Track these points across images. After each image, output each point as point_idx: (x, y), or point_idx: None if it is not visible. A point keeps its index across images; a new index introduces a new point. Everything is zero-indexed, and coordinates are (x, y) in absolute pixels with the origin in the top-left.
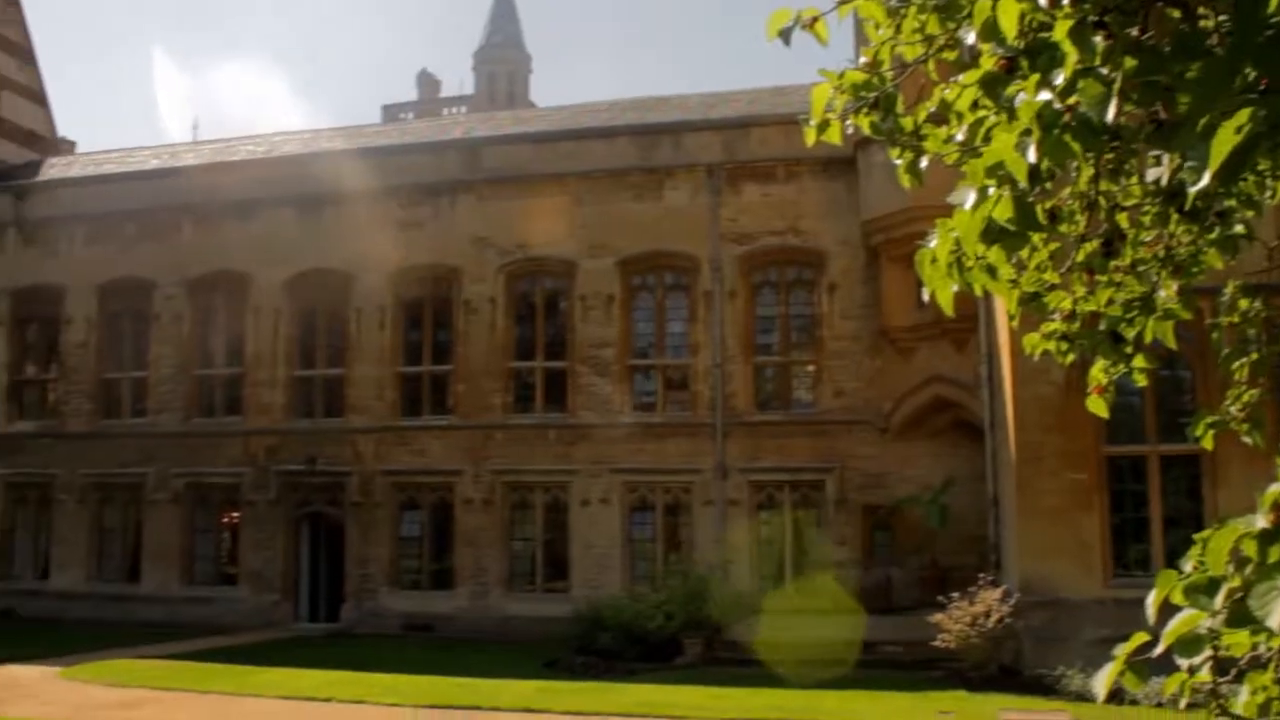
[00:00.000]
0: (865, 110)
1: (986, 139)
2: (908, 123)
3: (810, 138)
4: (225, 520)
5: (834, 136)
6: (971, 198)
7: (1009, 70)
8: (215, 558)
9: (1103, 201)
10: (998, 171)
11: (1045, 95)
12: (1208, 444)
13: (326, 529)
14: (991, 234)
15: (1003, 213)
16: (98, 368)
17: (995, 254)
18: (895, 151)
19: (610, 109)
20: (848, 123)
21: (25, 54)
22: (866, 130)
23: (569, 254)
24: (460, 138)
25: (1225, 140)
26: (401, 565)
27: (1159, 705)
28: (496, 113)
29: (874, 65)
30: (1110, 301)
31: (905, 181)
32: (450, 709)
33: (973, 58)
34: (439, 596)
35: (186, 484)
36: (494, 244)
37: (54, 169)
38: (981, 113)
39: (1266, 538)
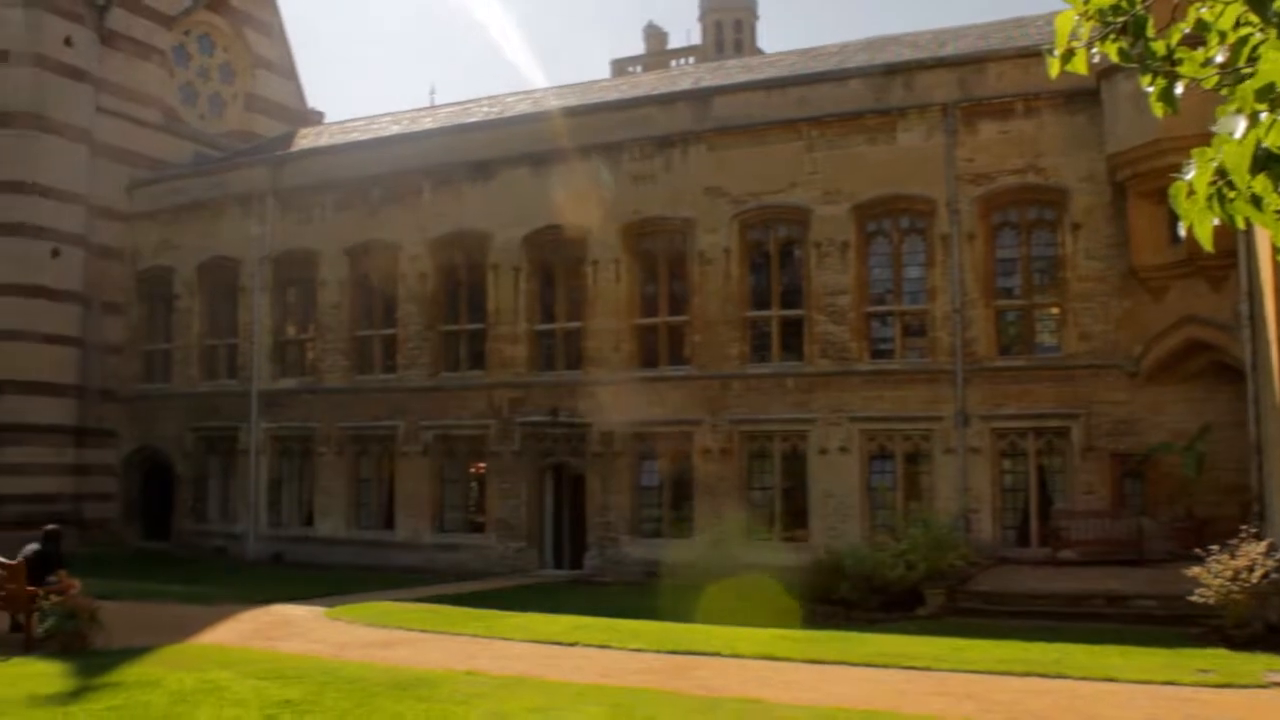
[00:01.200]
0: (1113, 36)
1: (1253, 59)
2: (1159, 47)
3: (1054, 69)
4: (472, 470)
5: (1079, 66)
6: (1242, 124)
7: None
8: (464, 506)
9: None
10: (1269, 95)
11: None
12: None
13: (569, 479)
14: (1259, 162)
15: (1277, 139)
16: (350, 327)
17: (1261, 183)
18: (1146, 79)
19: (840, 51)
20: (1093, 51)
21: (275, 32)
22: (1114, 58)
23: (802, 201)
24: (690, 88)
25: None
26: (641, 514)
27: None
28: (724, 61)
29: None
30: None
31: (1158, 110)
32: (692, 654)
33: None
34: (678, 545)
35: (435, 436)
36: (726, 193)
37: (305, 139)
38: (1245, 30)
39: None
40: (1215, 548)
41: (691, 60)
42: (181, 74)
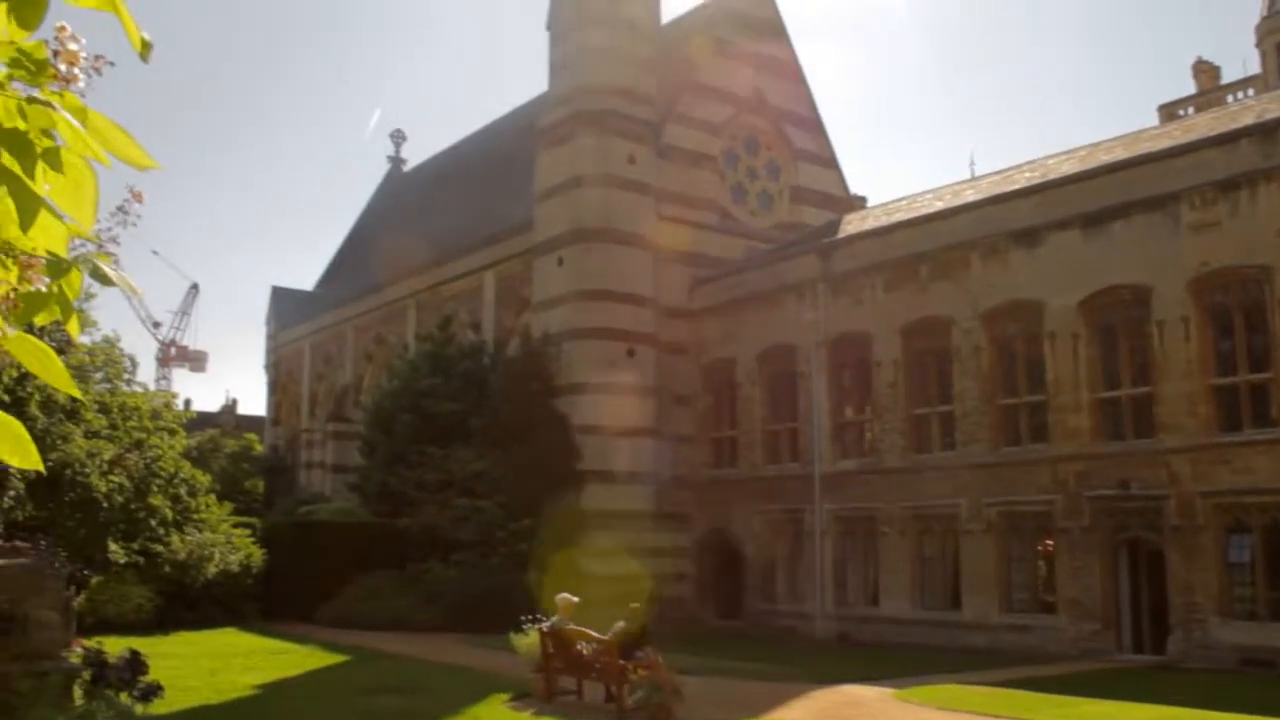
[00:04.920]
0: None
1: None
2: None
3: None
4: (1039, 548)
5: None
6: None
7: None
8: (1032, 585)
9: None
10: None
11: None
12: None
13: (1145, 555)
14: None
15: None
16: (907, 405)
17: None
18: None
19: None
20: None
21: (813, 125)
22: None
23: None
24: (1252, 123)
25: None
26: (1232, 593)
27: None
28: None
29: None
30: None
31: None
32: None
33: None
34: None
35: (999, 513)
36: None
37: (850, 225)
38: None
39: None
40: None
41: (1250, 92)
42: (731, 175)
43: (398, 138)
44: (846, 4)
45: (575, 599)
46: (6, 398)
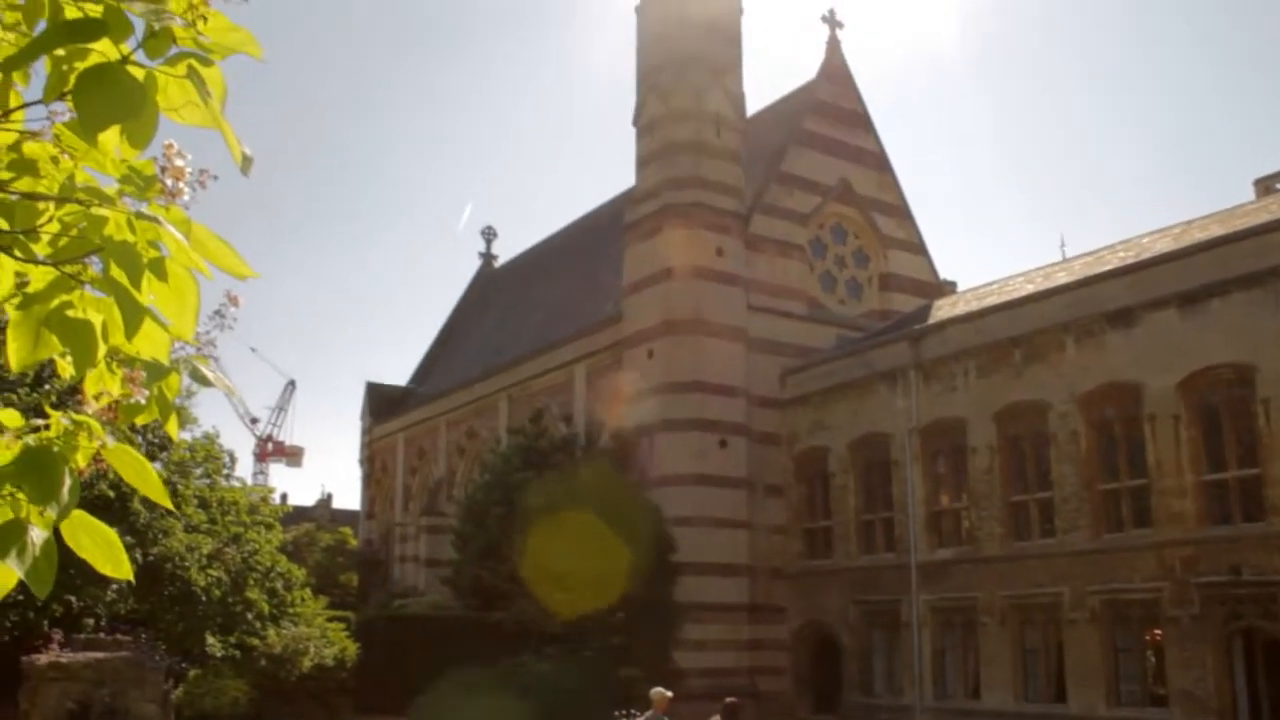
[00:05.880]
0: None
1: None
2: None
3: None
4: (1148, 637)
5: None
6: None
7: None
8: (1141, 677)
9: None
10: None
11: None
12: None
13: (1262, 644)
14: None
15: None
16: (1003, 492)
17: None
18: None
19: None
20: None
21: (901, 212)
22: None
23: None
24: None
25: None
26: None
27: None
28: None
29: None
30: None
31: None
32: None
33: None
34: None
35: (1103, 601)
36: None
37: (941, 310)
38: None
39: None
40: None
41: None
42: (819, 264)
43: (488, 234)
44: (929, 91)
45: (669, 693)
46: (112, 494)
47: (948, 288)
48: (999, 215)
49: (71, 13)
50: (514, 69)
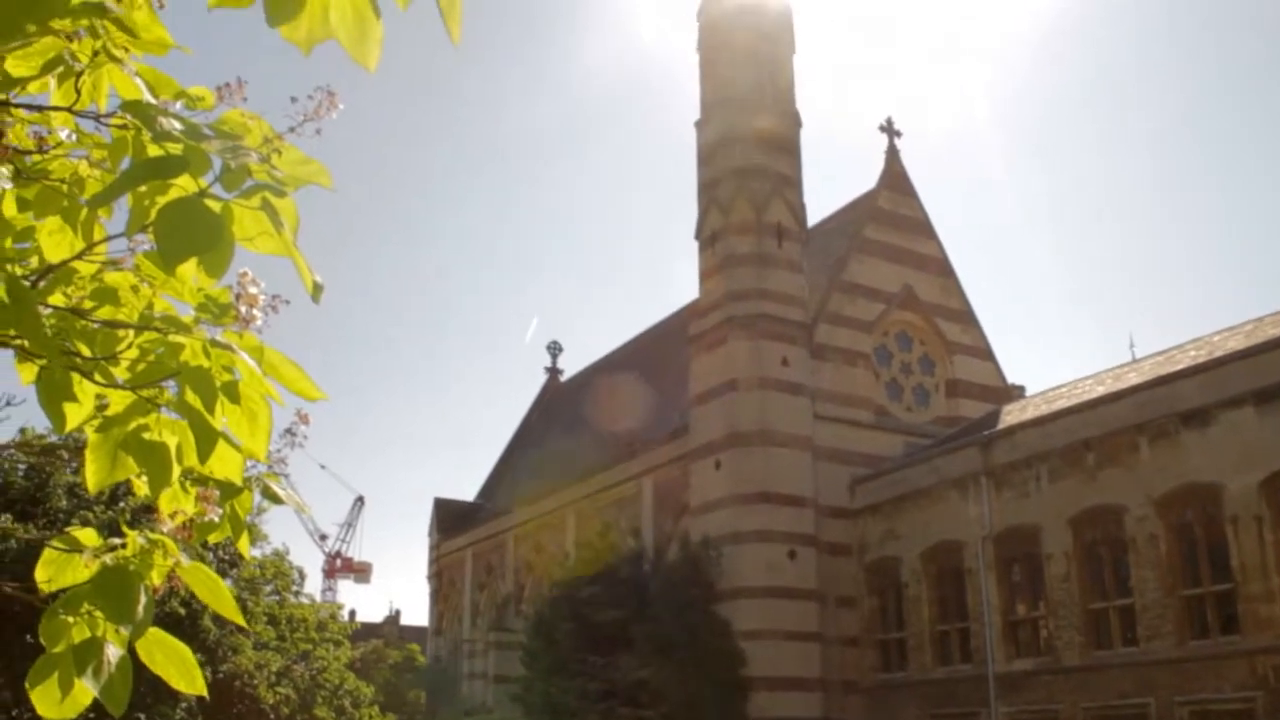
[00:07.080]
0: None
1: None
2: None
3: None
4: None
5: None
6: None
7: None
8: None
9: None
10: None
11: None
12: None
13: None
14: None
15: None
16: (1082, 599)
17: None
18: None
19: None
20: None
21: (965, 317)
22: None
23: None
24: None
25: None
26: None
27: None
28: None
29: None
30: None
31: None
32: None
33: None
34: None
35: (1191, 712)
36: None
37: (1010, 415)
38: None
39: None
40: None
41: None
42: (885, 372)
43: (554, 348)
44: (989, 198)
45: None
46: (183, 611)
47: (1016, 392)
48: (1064, 317)
49: (153, 150)
50: (581, 182)
